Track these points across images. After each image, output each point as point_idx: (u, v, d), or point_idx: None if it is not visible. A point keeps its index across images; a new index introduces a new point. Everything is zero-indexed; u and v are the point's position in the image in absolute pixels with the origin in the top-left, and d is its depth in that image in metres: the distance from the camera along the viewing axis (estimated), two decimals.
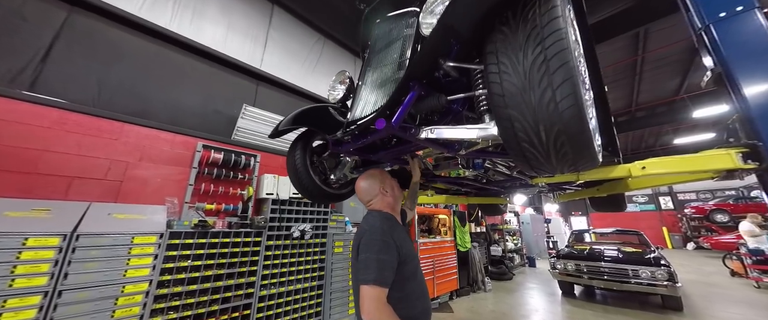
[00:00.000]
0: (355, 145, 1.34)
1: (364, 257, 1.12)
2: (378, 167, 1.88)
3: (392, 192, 1.45)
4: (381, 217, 1.29)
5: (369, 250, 1.12)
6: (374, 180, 1.43)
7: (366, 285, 1.04)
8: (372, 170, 1.51)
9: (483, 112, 1.11)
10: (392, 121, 1.11)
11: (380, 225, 1.22)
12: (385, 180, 1.46)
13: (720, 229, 11.33)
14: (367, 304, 1.02)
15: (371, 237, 1.16)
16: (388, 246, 1.15)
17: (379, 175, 1.46)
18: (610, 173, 1.74)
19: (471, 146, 1.37)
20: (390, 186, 1.46)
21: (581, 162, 0.77)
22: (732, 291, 5.90)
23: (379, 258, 1.10)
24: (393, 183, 1.48)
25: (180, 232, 2.90)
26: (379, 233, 1.17)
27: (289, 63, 4.98)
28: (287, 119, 1.68)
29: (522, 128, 0.76)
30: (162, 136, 3.27)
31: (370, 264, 1.09)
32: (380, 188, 1.42)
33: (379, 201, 1.40)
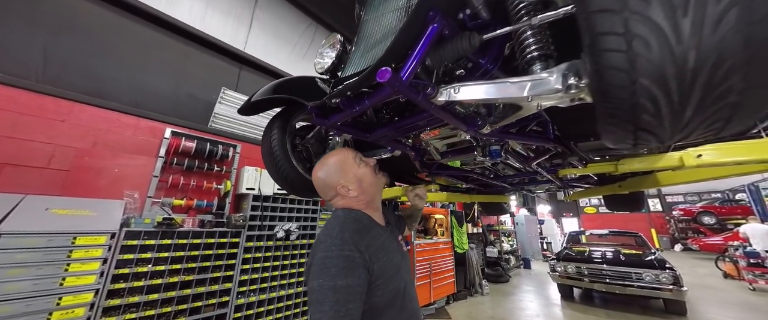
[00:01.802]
0: (347, 113, 0.99)
1: (316, 285, 0.74)
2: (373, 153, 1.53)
3: (367, 181, 1.00)
4: (344, 219, 0.90)
5: (322, 275, 0.74)
6: (334, 165, 0.99)
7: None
8: (334, 151, 1.06)
9: (534, 60, 0.78)
10: (401, 72, 0.76)
11: (339, 233, 0.83)
12: (350, 164, 1.01)
13: (707, 231, 11.50)
14: None
15: (326, 254, 0.78)
16: (350, 264, 0.77)
17: (342, 158, 1.02)
18: (655, 163, 1.45)
19: (500, 119, 1.04)
20: (360, 175, 1.00)
21: (745, 113, 0.45)
22: (728, 294, 5.82)
23: (335, 287, 0.72)
24: (367, 168, 1.03)
25: (139, 232, 2.47)
26: (337, 246, 0.79)
27: (278, 47, 4.57)
28: (264, 89, 1.31)
29: (650, 66, 0.43)
30: (123, 119, 2.83)
31: (323, 297, 0.72)
32: (341, 178, 0.97)
33: (344, 197, 0.98)
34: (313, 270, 0.78)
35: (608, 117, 0.54)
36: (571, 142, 1.53)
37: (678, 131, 0.50)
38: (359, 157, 1.05)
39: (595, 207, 16.59)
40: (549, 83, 0.68)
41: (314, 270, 0.77)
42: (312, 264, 0.80)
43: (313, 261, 0.80)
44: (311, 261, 0.82)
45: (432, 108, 0.90)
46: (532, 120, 1.47)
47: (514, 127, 1.49)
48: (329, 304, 0.70)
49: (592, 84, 0.53)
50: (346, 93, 0.89)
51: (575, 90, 0.65)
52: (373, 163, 1.07)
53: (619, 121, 0.53)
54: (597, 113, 0.58)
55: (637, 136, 0.54)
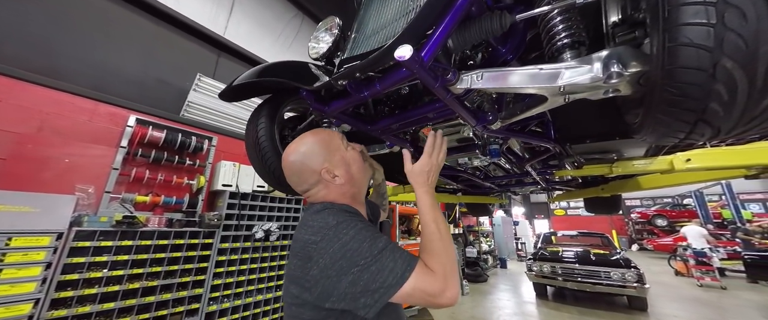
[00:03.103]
0: (353, 99, 0.88)
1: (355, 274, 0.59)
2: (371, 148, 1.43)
3: (355, 166, 0.83)
4: (337, 210, 0.73)
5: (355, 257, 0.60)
6: (317, 144, 0.79)
7: (400, 286, 0.59)
8: (314, 130, 0.85)
9: (564, 47, 0.72)
10: (423, 53, 0.67)
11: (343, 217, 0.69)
12: (337, 145, 0.82)
13: (660, 232, 12.62)
14: (427, 288, 0.60)
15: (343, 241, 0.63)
16: (377, 231, 0.69)
17: (325, 137, 0.82)
18: (648, 166, 1.49)
19: (513, 114, 0.99)
20: (348, 159, 0.82)
21: None
22: (680, 290, 6.39)
23: (385, 251, 0.62)
24: (355, 152, 0.85)
25: (93, 231, 2.16)
26: (350, 225, 0.66)
27: (261, 36, 4.30)
28: (251, 71, 1.16)
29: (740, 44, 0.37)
30: (77, 102, 2.47)
31: (381, 263, 0.60)
32: (325, 160, 0.78)
33: (328, 186, 0.78)
34: (334, 270, 0.59)
35: (666, 105, 0.49)
36: (567, 143, 1.54)
37: (743, 123, 0.46)
38: (346, 139, 0.87)
39: (564, 209, 17.64)
40: (588, 72, 0.63)
41: (337, 267, 0.59)
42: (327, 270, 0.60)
43: (323, 265, 0.61)
44: (301, 273, 0.63)
45: (448, 97, 0.82)
46: (533, 119, 1.45)
47: (517, 125, 1.47)
48: (388, 263, 0.59)
49: (657, 66, 0.47)
50: (355, 74, 0.78)
51: (616, 80, 0.60)
52: (361, 148, 0.90)
53: (679, 111, 0.48)
54: (649, 102, 0.53)
55: (694, 128, 0.50)
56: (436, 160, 0.84)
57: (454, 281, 0.63)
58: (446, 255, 0.67)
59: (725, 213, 10.65)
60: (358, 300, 0.57)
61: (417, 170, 0.82)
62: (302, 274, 0.63)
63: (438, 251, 0.67)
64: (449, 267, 0.65)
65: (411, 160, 0.86)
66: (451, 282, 0.62)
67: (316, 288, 0.60)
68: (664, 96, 0.48)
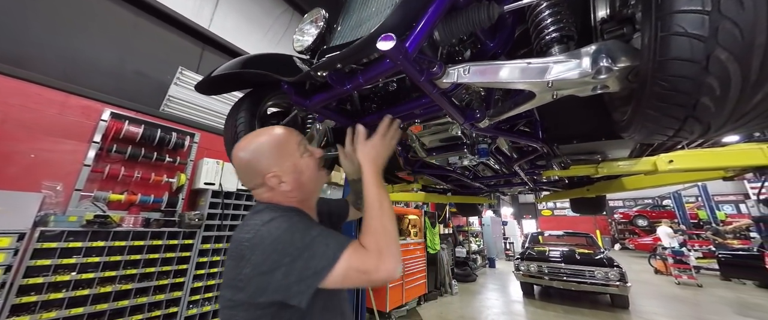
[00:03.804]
0: (335, 92, 0.83)
1: (288, 266, 0.57)
2: None
3: (307, 175, 0.78)
4: (278, 210, 0.70)
5: (290, 249, 0.59)
6: (268, 145, 0.74)
7: (331, 268, 0.58)
8: (269, 128, 0.80)
9: (552, 41, 0.70)
10: (407, 42, 0.64)
11: (281, 216, 0.66)
12: (291, 149, 0.76)
13: (641, 232, 13.09)
14: (361, 265, 0.61)
15: (275, 236, 0.61)
16: (311, 222, 0.71)
17: (281, 138, 0.76)
18: (632, 167, 1.51)
19: (501, 111, 0.96)
20: (300, 166, 0.76)
21: None
22: (659, 288, 6.63)
23: (318, 238, 0.62)
24: (310, 160, 0.80)
25: (61, 232, 2.03)
26: (285, 220, 0.65)
27: (249, 30, 4.18)
28: (231, 63, 1.09)
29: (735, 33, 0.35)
30: (46, 94, 2.31)
31: (313, 250, 0.60)
32: (274, 164, 0.73)
33: (273, 190, 0.74)
34: (267, 266, 0.57)
35: (656, 100, 0.46)
36: (555, 144, 1.54)
37: (733, 121, 0.44)
38: (304, 143, 0.82)
39: (551, 209, 18.06)
40: (576, 66, 0.60)
41: (270, 261, 0.57)
42: (259, 266, 0.57)
43: (255, 262, 0.58)
44: (236, 274, 0.59)
45: (434, 92, 0.79)
46: (522, 119, 1.44)
47: (506, 124, 1.46)
48: (319, 248, 0.60)
49: (647, 59, 0.44)
50: (336, 65, 0.74)
51: (605, 75, 0.57)
52: (319, 155, 0.85)
53: (669, 106, 0.45)
54: (638, 97, 0.51)
55: (684, 125, 0.48)
56: (387, 142, 0.86)
57: (389, 257, 0.63)
58: (383, 232, 0.67)
59: (701, 213, 11.16)
60: (291, 289, 0.57)
61: (368, 146, 0.83)
62: (235, 275, 0.60)
63: (374, 228, 0.68)
64: (384, 243, 0.65)
65: (365, 137, 0.87)
66: (385, 257, 0.63)
67: (249, 287, 0.58)
68: (653, 90, 0.46)
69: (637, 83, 0.54)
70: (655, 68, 0.44)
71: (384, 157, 0.85)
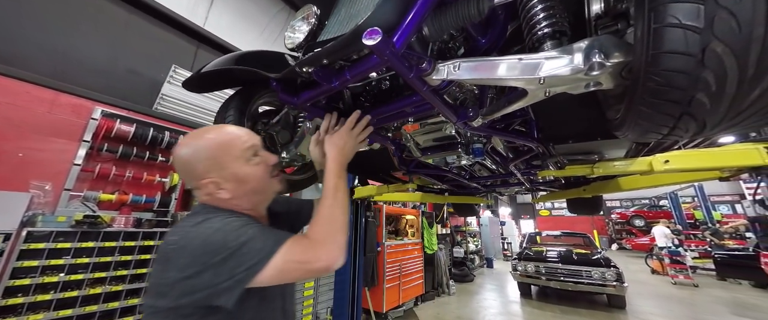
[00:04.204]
0: (322, 89, 0.81)
1: (217, 267, 0.53)
2: None
3: (252, 184, 0.71)
4: (214, 211, 0.66)
5: (221, 249, 0.54)
6: (209, 148, 0.67)
7: (266, 263, 0.55)
8: (219, 126, 0.77)
9: (545, 37, 0.68)
10: (394, 37, 0.62)
11: (220, 225, 0.59)
12: (237, 154, 0.69)
13: (638, 232, 13.14)
14: (300, 256, 0.59)
15: (207, 236, 0.57)
16: (248, 221, 0.64)
17: (226, 140, 0.70)
18: (628, 167, 1.50)
19: (495, 110, 0.94)
20: (244, 175, 0.69)
21: None
22: (656, 288, 6.65)
23: (256, 236, 0.58)
24: (258, 168, 0.72)
25: (48, 232, 1.99)
26: (220, 221, 0.60)
27: (245, 29, 4.15)
28: (220, 59, 1.07)
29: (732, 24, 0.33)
30: (34, 92, 2.27)
31: (249, 247, 0.56)
32: (213, 170, 0.66)
33: (210, 196, 0.67)
34: (195, 268, 0.52)
35: (650, 96, 0.44)
36: (550, 143, 1.52)
37: (729, 118, 0.42)
38: (258, 148, 0.74)
39: (549, 210, 18.10)
40: (569, 62, 0.58)
41: (198, 264, 0.53)
42: (186, 269, 0.53)
43: (182, 265, 0.53)
44: (175, 275, 0.53)
45: (424, 89, 0.77)
46: (517, 118, 1.42)
47: (500, 124, 1.44)
48: (253, 248, 0.56)
49: (641, 52, 0.42)
50: (322, 61, 0.71)
51: (597, 71, 0.55)
52: (273, 162, 0.77)
53: (663, 103, 0.43)
54: (631, 94, 0.49)
55: (678, 122, 0.45)
56: (355, 135, 0.86)
57: (332, 246, 0.62)
58: (330, 221, 0.66)
59: (697, 214, 11.22)
60: (218, 287, 0.52)
61: (335, 136, 0.84)
62: (158, 280, 0.56)
63: (322, 217, 0.67)
64: (329, 232, 0.64)
65: (334, 128, 0.88)
66: (328, 246, 0.61)
67: (173, 292, 0.53)
68: (647, 86, 0.44)
69: (630, 79, 0.52)
70: (648, 62, 0.41)
71: (349, 149, 0.84)
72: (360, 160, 1.88)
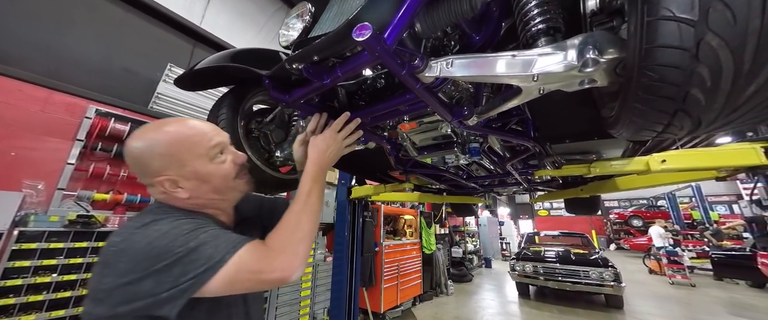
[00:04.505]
0: (314, 86, 0.79)
1: (161, 274, 0.49)
2: None
3: (215, 183, 0.65)
4: (165, 211, 0.60)
5: (166, 254, 0.50)
6: (168, 142, 0.61)
7: (215, 272, 0.51)
8: (181, 119, 0.68)
9: (539, 33, 0.66)
10: (386, 34, 0.60)
11: (168, 227, 0.54)
12: (199, 151, 0.63)
13: (636, 232, 13.18)
14: (254, 265, 0.54)
15: (151, 238, 0.52)
16: (200, 224, 0.57)
17: (189, 134, 0.63)
18: (624, 167, 1.49)
19: (490, 108, 0.93)
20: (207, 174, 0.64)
21: None
22: (653, 288, 6.66)
23: (208, 241, 0.53)
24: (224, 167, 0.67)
25: (41, 232, 1.97)
26: (170, 223, 0.55)
27: (242, 28, 4.13)
28: (214, 56, 1.06)
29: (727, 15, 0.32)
30: (27, 90, 2.25)
31: (199, 253, 0.51)
32: (171, 167, 0.60)
33: (166, 194, 0.62)
34: (136, 274, 0.47)
35: (643, 93, 0.43)
36: (547, 143, 1.51)
37: (725, 115, 0.41)
38: (224, 145, 0.68)
39: (547, 210, 18.13)
40: (562, 59, 0.57)
41: (140, 269, 0.48)
42: (126, 275, 0.48)
43: (121, 271, 0.48)
44: (113, 280, 0.48)
45: (417, 86, 0.75)
46: (513, 117, 1.41)
47: (497, 123, 1.43)
48: (201, 254, 0.51)
49: (634, 48, 0.41)
50: (312, 57, 0.70)
51: (591, 67, 0.54)
52: (241, 161, 0.71)
53: (657, 99, 0.42)
54: (625, 91, 0.48)
55: (673, 119, 0.44)
56: (341, 138, 0.81)
57: (291, 256, 0.57)
58: (294, 228, 0.62)
59: (695, 214, 11.26)
60: (160, 296, 0.47)
61: (319, 138, 0.79)
62: (96, 285, 0.50)
63: (287, 223, 0.62)
64: (291, 240, 0.59)
65: (320, 129, 0.84)
66: (287, 256, 0.56)
67: (110, 299, 0.47)
68: (640, 82, 0.42)
69: (624, 76, 0.51)
70: (641, 57, 0.40)
71: (333, 153, 0.80)
72: (356, 159, 1.88)
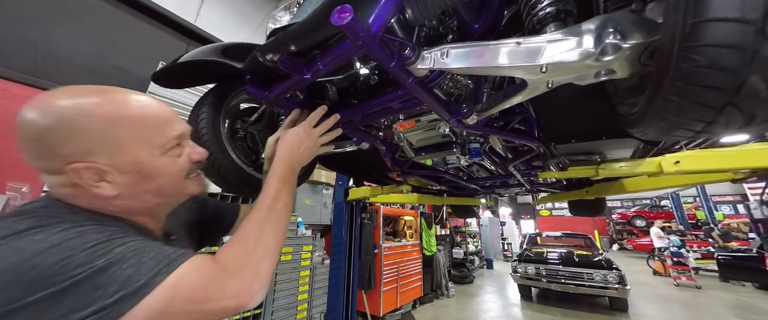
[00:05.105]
0: (294, 81, 0.71)
1: (37, 306, 0.32)
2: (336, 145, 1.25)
3: (161, 182, 0.50)
4: (63, 222, 0.40)
5: (50, 279, 0.33)
6: (85, 123, 0.43)
7: (135, 303, 0.36)
8: (113, 92, 0.47)
9: (547, 18, 0.58)
10: (371, 18, 0.52)
11: (59, 239, 0.37)
12: (152, 136, 0.49)
13: (639, 233, 13.03)
14: (195, 292, 0.40)
15: (26, 256, 0.34)
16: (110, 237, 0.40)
17: (135, 111, 0.47)
18: (635, 168, 1.40)
19: (491, 105, 0.84)
20: (153, 169, 0.48)
21: None
22: (658, 290, 6.55)
23: (124, 258, 0.38)
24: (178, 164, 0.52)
25: None
26: (61, 233, 0.38)
27: (238, 25, 4.05)
28: (197, 50, 0.97)
29: None
30: (12, 89, 2.18)
31: (107, 277, 0.36)
32: (88, 157, 0.43)
33: (72, 188, 0.44)
34: None
35: (683, 82, 0.35)
36: (551, 143, 1.43)
37: None
38: (185, 136, 0.54)
39: (549, 210, 17.99)
40: (576, 45, 0.49)
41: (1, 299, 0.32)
42: None
43: None
44: None
45: (409, 81, 0.67)
46: (516, 116, 1.33)
47: (498, 122, 1.34)
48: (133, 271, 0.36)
49: (676, 26, 0.32)
50: (289, 46, 0.61)
51: (612, 55, 0.46)
52: (200, 158, 0.57)
53: (701, 90, 0.34)
54: (657, 82, 0.39)
55: (718, 117, 0.36)
56: (315, 135, 0.71)
57: (248, 278, 0.44)
58: (256, 240, 0.49)
59: (699, 214, 11.11)
60: None
61: (291, 134, 0.68)
62: None
63: (246, 233, 0.49)
64: (249, 257, 0.47)
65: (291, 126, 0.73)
66: (242, 278, 0.43)
67: None
68: (681, 69, 0.34)
69: (654, 64, 0.42)
70: (684, 36, 0.32)
71: (306, 151, 0.69)
72: (352, 160, 1.79)
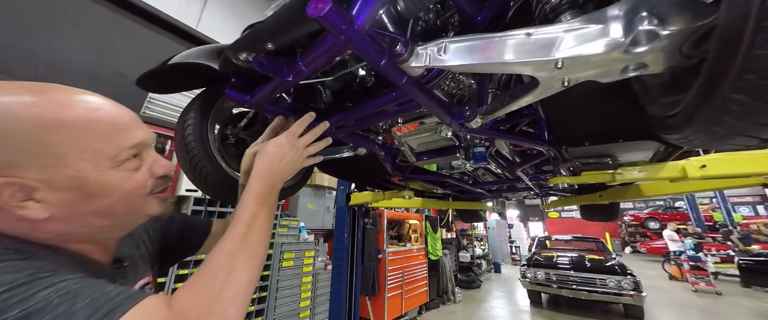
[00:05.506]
0: (276, 83, 0.64)
1: None
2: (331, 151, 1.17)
3: (112, 200, 0.41)
4: None
5: None
6: (20, 120, 0.34)
7: None
8: (55, 86, 0.40)
9: (561, 7, 0.50)
10: (355, 10, 0.45)
11: None
12: (86, 138, 0.38)
13: (653, 235, 12.60)
14: None
15: None
16: None
17: (77, 113, 0.38)
18: (656, 173, 1.29)
19: (497, 107, 0.76)
20: (101, 185, 0.39)
21: None
22: (675, 295, 6.27)
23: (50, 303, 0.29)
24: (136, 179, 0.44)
25: None
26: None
27: (239, 29, 3.99)
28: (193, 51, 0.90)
29: None
30: None
31: None
32: (12, 171, 0.34)
33: (6, 212, 0.35)
34: None
35: (757, 74, 0.26)
36: (563, 146, 1.32)
37: None
38: (145, 146, 0.46)
39: (558, 212, 17.58)
40: (600, 35, 0.40)
41: None
42: None
43: None
44: None
45: (403, 81, 0.59)
46: (524, 118, 1.23)
47: (505, 124, 1.25)
48: None
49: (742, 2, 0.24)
50: (265, 44, 0.54)
51: (645, 46, 0.37)
52: (164, 172, 0.49)
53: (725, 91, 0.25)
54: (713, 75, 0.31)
55: None
56: (301, 145, 0.61)
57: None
58: (225, 278, 0.39)
59: (716, 216, 10.69)
60: None
61: (271, 145, 0.58)
62: None
63: (212, 269, 0.39)
64: (218, 297, 0.37)
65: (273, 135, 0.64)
66: None
67: None
68: (755, 59, 0.25)
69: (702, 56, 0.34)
70: (762, 14, 0.23)
71: (288, 165, 0.58)
72: (351, 165, 1.72)
